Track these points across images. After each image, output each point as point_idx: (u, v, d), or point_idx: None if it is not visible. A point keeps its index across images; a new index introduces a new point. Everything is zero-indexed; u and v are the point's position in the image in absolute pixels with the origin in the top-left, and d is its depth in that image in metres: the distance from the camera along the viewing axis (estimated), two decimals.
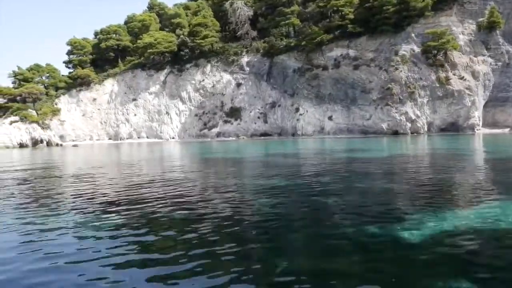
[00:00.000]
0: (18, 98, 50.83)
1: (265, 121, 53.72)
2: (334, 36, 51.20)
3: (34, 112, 50.12)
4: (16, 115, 48.09)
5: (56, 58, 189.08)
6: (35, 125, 47.69)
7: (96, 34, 70.03)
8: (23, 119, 47.22)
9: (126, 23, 64.51)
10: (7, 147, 44.14)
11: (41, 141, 47.28)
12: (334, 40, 51.38)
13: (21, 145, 45.79)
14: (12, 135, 45.30)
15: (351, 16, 49.14)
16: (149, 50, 55.13)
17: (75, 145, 42.20)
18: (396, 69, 46.54)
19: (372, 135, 45.29)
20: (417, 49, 47.47)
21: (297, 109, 51.35)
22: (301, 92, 51.88)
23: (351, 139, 39.19)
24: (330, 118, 50.05)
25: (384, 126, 45.63)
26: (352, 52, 50.39)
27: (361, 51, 49.96)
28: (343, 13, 50.66)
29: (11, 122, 46.64)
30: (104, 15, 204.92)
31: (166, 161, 19.31)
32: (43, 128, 48.76)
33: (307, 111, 50.91)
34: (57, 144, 47.29)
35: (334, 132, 49.49)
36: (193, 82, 57.60)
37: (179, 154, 25.25)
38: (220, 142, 44.71)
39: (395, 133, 45.22)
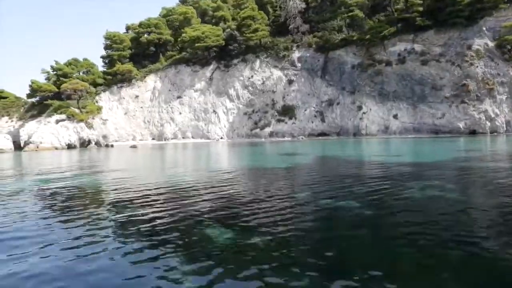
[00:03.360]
0: (62, 95, 46.82)
1: (323, 120, 50.58)
2: (397, 29, 48.36)
3: (77, 110, 46.31)
4: (61, 113, 44.24)
5: (75, 54, 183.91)
6: (82, 124, 43.95)
7: (128, 28, 66.45)
8: (70, 117, 43.42)
9: (164, 16, 60.85)
10: (56, 148, 40.42)
11: (89, 142, 43.58)
12: (397, 34, 48.50)
13: (69, 146, 42.09)
14: (60, 135, 41.53)
15: (420, 8, 46.02)
16: (196, 44, 51.60)
17: (133, 146, 38.55)
18: (471, 64, 43.74)
19: (446, 135, 42.42)
20: (490, 44, 44.79)
21: (359, 107, 48.31)
22: (362, 89, 48.85)
23: (433, 139, 36.30)
24: (395, 116, 47.12)
25: (461, 125, 42.80)
26: (417, 47, 47.48)
27: (428, 45, 47.07)
28: (408, 4, 47.71)
29: (57, 121, 42.82)
30: (126, 10, 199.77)
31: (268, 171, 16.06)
32: (88, 127, 45.06)
33: (370, 109, 47.93)
34: (106, 145, 43.58)
35: (400, 131, 46.59)
36: (241, 78, 54.28)
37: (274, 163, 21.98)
38: (282, 143, 41.45)
39: (473, 132, 42.43)
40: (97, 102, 51.56)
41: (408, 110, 46.81)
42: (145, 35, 56.36)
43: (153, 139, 53.86)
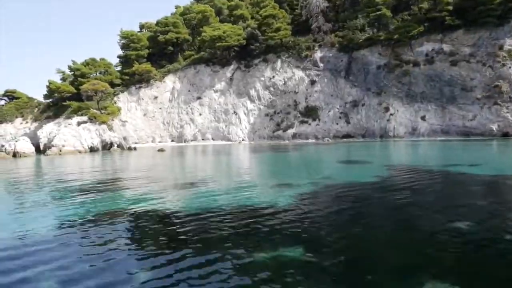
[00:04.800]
0: (82, 96, 45.42)
1: (347, 122, 49.45)
2: (424, 29, 47.26)
3: (97, 112, 44.92)
4: (82, 115, 42.85)
5: (84, 53, 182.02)
6: (104, 126, 42.57)
7: (142, 26, 65.08)
8: (92, 119, 42.02)
9: (181, 14, 59.42)
10: (79, 152, 39.06)
11: (111, 145, 42.24)
12: (424, 34, 47.42)
13: (91, 149, 40.75)
14: (83, 138, 40.15)
15: (449, 7, 44.87)
16: (217, 44, 50.29)
17: (161, 150, 37.18)
18: (504, 65, 42.75)
19: (477, 137, 41.40)
20: None
21: (386, 109, 47.22)
22: (389, 90, 47.78)
23: (472, 142, 35.35)
24: (423, 118, 46.09)
25: (494, 127, 41.79)
26: (446, 47, 46.45)
27: (457, 45, 46.04)
28: (437, 3, 46.57)
29: (79, 123, 41.43)
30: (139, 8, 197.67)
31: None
32: (109, 129, 43.73)
33: (397, 110, 46.88)
34: (129, 148, 42.22)
35: (428, 133, 45.57)
36: (262, 79, 53.07)
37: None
38: (316, 147, 40.45)
39: (505, 135, 41.42)
40: (115, 103, 50.22)
41: (437, 112, 45.78)
42: (164, 34, 54.73)
43: (172, 140, 52.59)
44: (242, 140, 51.41)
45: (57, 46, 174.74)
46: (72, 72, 51.32)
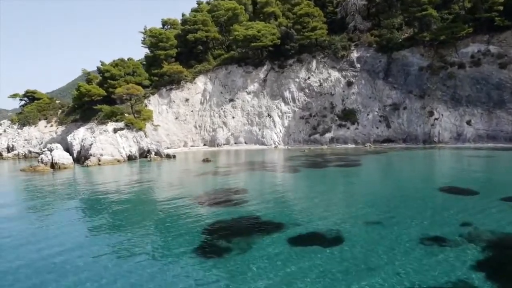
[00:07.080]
0: (117, 100, 43.34)
1: (388, 126, 47.78)
2: (473, 29, 45.31)
3: (133, 117, 42.88)
4: (116, 120, 40.85)
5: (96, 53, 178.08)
6: (141, 133, 40.63)
7: (164, 23, 62.49)
8: (129, 126, 40.02)
9: (209, 11, 56.87)
10: (118, 161, 37.24)
11: (148, 152, 40.40)
12: (469, 35, 45.54)
13: (129, 158, 38.95)
14: (121, 146, 38.26)
15: (500, 7, 42.89)
16: (252, 44, 48.11)
17: (206, 160, 35.36)
18: None
19: None
20: None
21: (430, 113, 45.56)
22: (433, 93, 46.05)
23: None
24: (468, 123, 44.52)
25: None
26: (493, 48, 44.65)
27: (505, 47, 44.23)
28: (484, 2, 44.51)
29: (115, 130, 39.45)
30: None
31: None
32: (145, 135, 41.84)
33: (442, 115, 45.26)
34: (167, 156, 40.30)
35: (474, 139, 44.06)
36: (297, 80, 51.09)
37: None
38: (364, 155, 38.96)
39: None
40: (146, 106, 48.15)
41: (483, 116, 44.20)
42: (194, 33, 52.24)
43: (204, 145, 50.80)
44: (278, 144, 49.65)
45: (56, 46, 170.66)
46: (101, 74, 49.09)
